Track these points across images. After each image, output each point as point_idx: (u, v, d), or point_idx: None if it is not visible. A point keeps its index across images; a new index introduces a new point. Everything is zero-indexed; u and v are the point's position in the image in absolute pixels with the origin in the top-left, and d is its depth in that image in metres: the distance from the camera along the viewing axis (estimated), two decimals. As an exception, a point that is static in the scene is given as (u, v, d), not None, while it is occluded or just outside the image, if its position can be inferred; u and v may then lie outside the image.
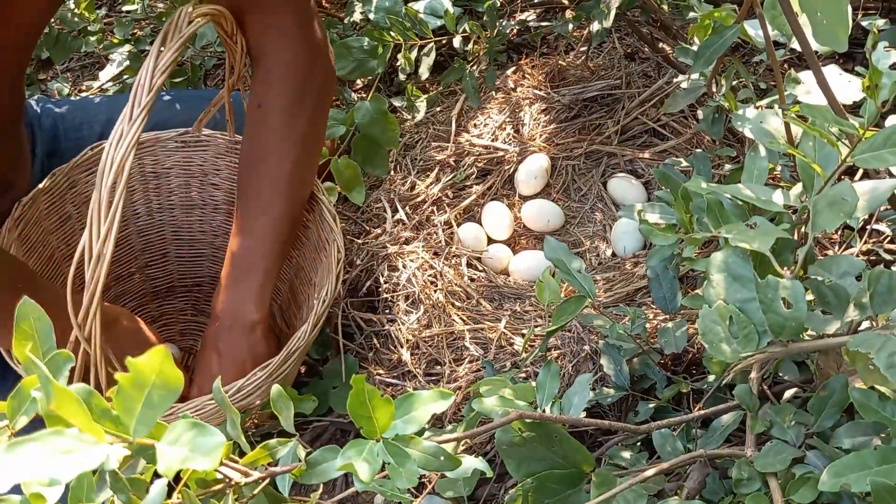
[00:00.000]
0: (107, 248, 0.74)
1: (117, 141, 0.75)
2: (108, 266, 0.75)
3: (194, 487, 0.56)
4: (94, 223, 0.74)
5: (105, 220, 0.74)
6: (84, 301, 0.76)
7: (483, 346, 1.14)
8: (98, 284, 0.75)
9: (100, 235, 0.74)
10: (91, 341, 0.77)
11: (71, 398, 0.39)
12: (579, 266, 0.93)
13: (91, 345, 0.77)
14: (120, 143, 0.74)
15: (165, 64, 0.77)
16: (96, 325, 0.76)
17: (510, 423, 0.75)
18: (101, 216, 0.74)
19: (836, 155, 0.71)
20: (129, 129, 0.75)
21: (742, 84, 1.12)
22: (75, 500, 0.43)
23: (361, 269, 1.25)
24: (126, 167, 0.75)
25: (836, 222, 0.69)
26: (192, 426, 0.42)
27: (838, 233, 1.16)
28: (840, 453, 0.71)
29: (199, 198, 1.20)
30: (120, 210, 0.74)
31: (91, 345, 0.77)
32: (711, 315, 0.67)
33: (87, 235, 0.74)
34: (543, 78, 1.44)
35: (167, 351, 0.40)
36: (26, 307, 0.52)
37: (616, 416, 1.05)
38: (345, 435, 1.14)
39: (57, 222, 1.10)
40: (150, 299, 1.26)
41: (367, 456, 0.55)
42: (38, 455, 0.38)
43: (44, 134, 1.19)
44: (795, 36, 0.78)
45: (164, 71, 0.77)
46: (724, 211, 0.75)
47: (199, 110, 1.12)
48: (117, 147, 0.74)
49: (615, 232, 1.26)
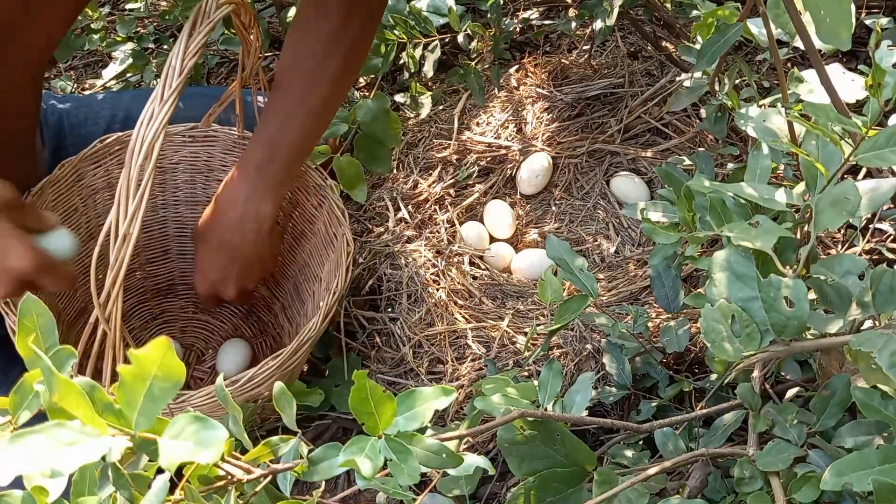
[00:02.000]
0: (133, 228, 0.74)
1: (148, 121, 0.75)
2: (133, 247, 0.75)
3: (196, 484, 0.56)
4: (121, 203, 0.74)
5: (133, 199, 0.74)
6: (107, 281, 0.76)
7: (485, 344, 1.14)
8: (122, 265, 0.74)
9: (127, 215, 0.73)
10: (111, 322, 0.76)
11: (74, 390, 0.39)
12: (581, 265, 0.93)
13: (110, 326, 0.77)
14: (150, 124, 0.74)
15: (195, 47, 0.79)
16: (118, 307, 0.76)
17: (512, 422, 0.75)
18: (129, 196, 0.74)
19: (839, 154, 0.71)
20: (160, 110, 0.75)
21: (745, 83, 1.12)
22: (78, 495, 0.43)
23: (364, 268, 1.25)
24: (156, 148, 0.75)
25: (838, 221, 0.69)
26: (194, 420, 0.42)
27: (841, 232, 1.15)
28: (842, 452, 0.71)
29: (204, 194, 1.20)
30: (148, 191, 0.74)
31: (110, 326, 0.77)
32: (714, 314, 0.67)
33: (115, 214, 0.74)
34: (546, 76, 1.44)
35: (169, 343, 0.40)
36: (28, 303, 0.52)
37: (618, 415, 1.05)
38: (347, 433, 1.14)
39: (63, 214, 1.10)
40: (151, 296, 1.26)
41: (370, 453, 0.55)
42: (41, 447, 0.38)
43: (49, 129, 1.19)
44: (798, 34, 0.78)
45: (194, 54, 0.78)
46: (726, 210, 0.75)
47: (206, 107, 1.12)
48: (148, 127, 0.74)
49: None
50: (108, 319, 0.77)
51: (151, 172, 0.75)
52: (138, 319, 1.25)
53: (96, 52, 1.75)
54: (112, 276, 0.75)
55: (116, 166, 1.12)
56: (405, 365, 1.15)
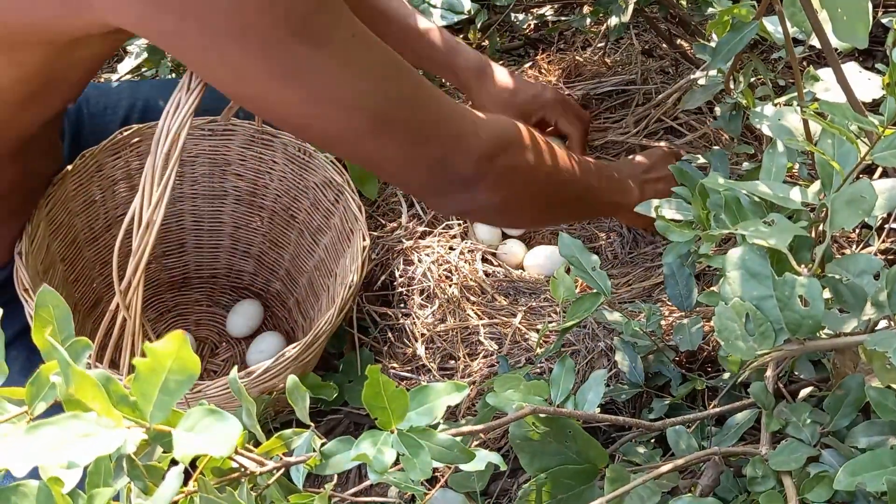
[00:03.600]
0: (157, 216, 0.74)
1: (174, 110, 0.75)
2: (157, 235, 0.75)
3: (210, 476, 0.56)
4: (145, 190, 0.74)
5: (157, 187, 0.74)
6: (129, 269, 0.76)
7: (497, 340, 1.14)
8: (145, 253, 0.75)
9: (151, 203, 0.74)
10: (131, 310, 0.77)
11: (90, 382, 0.39)
12: (594, 263, 0.93)
13: (131, 313, 0.77)
14: (177, 113, 0.74)
15: None
16: (138, 295, 0.76)
17: (524, 418, 0.75)
18: (154, 183, 0.74)
19: (855, 153, 0.71)
20: (187, 99, 0.75)
21: (760, 81, 1.11)
22: (93, 486, 0.43)
23: (376, 264, 1.25)
24: (182, 136, 0.75)
25: (854, 220, 0.69)
26: (208, 413, 0.42)
27: (856, 231, 1.15)
28: (856, 452, 0.71)
29: (222, 188, 1.20)
30: (173, 179, 0.75)
31: (131, 313, 0.77)
32: (727, 312, 0.67)
33: (139, 202, 0.74)
34: (560, 73, 1.44)
35: (185, 336, 0.41)
36: (45, 295, 0.52)
37: (630, 414, 1.05)
38: (359, 428, 1.15)
39: (82, 205, 1.11)
40: (166, 289, 1.27)
41: (382, 447, 0.55)
42: (57, 438, 0.38)
43: (69, 118, 1.20)
44: (815, 32, 0.78)
45: None
46: (741, 208, 0.75)
47: (226, 100, 1.13)
48: (174, 116, 0.75)
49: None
50: (129, 307, 0.77)
51: (177, 161, 0.75)
52: (153, 311, 1.26)
53: (112, 46, 1.76)
54: (134, 263, 0.75)
55: (136, 158, 1.13)
56: (417, 360, 1.15)
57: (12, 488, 0.46)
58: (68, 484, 0.43)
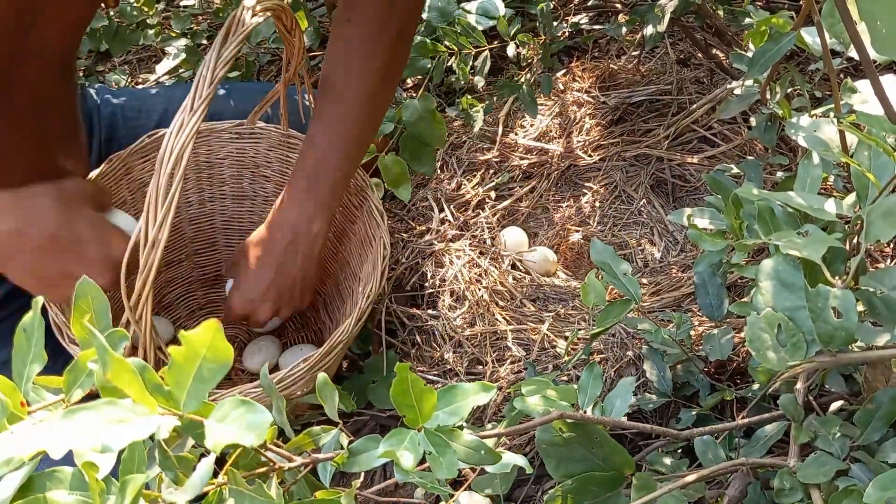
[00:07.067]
0: (162, 234, 0.76)
1: (177, 130, 0.76)
2: (162, 252, 0.76)
3: (239, 469, 0.57)
4: (150, 209, 0.76)
5: (161, 206, 0.75)
6: (137, 285, 0.77)
7: (525, 347, 1.14)
8: (152, 270, 0.76)
9: (156, 221, 0.75)
10: (141, 323, 0.78)
11: (127, 368, 0.40)
12: (626, 269, 0.93)
13: (141, 327, 0.78)
14: (180, 133, 0.76)
15: (227, 57, 0.79)
16: (148, 309, 0.78)
17: (551, 423, 0.75)
18: (158, 203, 0.75)
19: (891, 165, 0.70)
20: (190, 120, 0.76)
21: (797, 92, 1.11)
22: (126, 472, 0.44)
23: (406, 266, 1.26)
24: (185, 157, 0.76)
25: (890, 233, 0.68)
26: (240, 404, 0.43)
27: (891, 245, 1.14)
28: (885, 467, 0.70)
29: (251, 189, 1.22)
30: (177, 198, 0.76)
31: (141, 327, 0.78)
32: (759, 322, 0.66)
33: (144, 221, 0.76)
34: (594, 81, 1.44)
35: (219, 325, 0.41)
36: (84, 286, 0.53)
37: (657, 423, 1.04)
38: (384, 430, 1.15)
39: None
40: (198, 286, 1.28)
41: (409, 445, 0.56)
42: (93, 423, 0.39)
43: (103, 121, 1.22)
44: (853, 44, 0.77)
45: (226, 64, 0.79)
46: (775, 218, 0.74)
47: (253, 103, 1.14)
48: (177, 136, 0.76)
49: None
50: (139, 320, 0.79)
51: (180, 181, 0.76)
52: (185, 308, 1.28)
53: (150, 47, 1.78)
54: (142, 280, 0.77)
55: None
56: (445, 364, 1.15)
57: (48, 474, 0.47)
58: (103, 469, 0.44)
